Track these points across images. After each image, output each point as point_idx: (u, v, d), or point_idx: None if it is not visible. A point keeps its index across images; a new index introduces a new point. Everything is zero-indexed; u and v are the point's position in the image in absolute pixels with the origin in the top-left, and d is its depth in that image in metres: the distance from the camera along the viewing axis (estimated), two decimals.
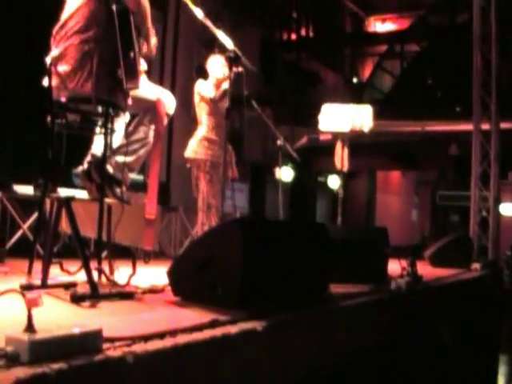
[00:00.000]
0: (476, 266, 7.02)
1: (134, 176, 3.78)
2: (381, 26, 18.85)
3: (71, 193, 3.16)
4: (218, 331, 2.08)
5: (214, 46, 5.15)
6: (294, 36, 16.38)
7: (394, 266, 4.52)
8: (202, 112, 5.18)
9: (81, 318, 2.26)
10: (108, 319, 2.25)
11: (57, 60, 3.07)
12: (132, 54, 3.04)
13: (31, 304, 1.51)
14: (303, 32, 16.72)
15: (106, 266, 3.22)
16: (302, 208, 14.81)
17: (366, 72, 18.21)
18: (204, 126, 5.16)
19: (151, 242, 3.82)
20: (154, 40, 3.41)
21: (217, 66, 5.18)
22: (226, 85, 4.85)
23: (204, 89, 5.15)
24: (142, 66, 3.78)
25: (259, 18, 12.98)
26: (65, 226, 3.05)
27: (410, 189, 20.77)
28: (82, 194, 3.49)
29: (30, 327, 1.51)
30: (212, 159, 5.04)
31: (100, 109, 3.17)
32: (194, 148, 5.10)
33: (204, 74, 5.31)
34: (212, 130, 5.12)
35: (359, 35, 18.41)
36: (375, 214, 18.09)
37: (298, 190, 14.57)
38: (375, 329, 3.51)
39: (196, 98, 5.22)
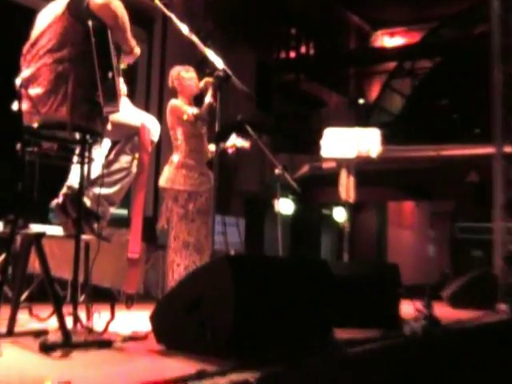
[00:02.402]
0: (502, 306, 6.96)
1: (117, 210, 3.77)
2: (389, 40, 19.02)
3: (44, 229, 3.15)
4: None
5: (204, 66, 5.19)
6: (292, 54, 16.54)
7: (408, 308, 4.48)
8: (177, 135, 5.03)
9: (49, 370, 2.23)
10: (80, 371, 2.22)
11: (28, 82, 3.09)
12: (110, 75, 3.05)
13: None
14: (303, 50, 16.89)
15: (82, 311, 3.19)
16: (304, 244, 14.77)
17: (373, 92, 18.35)
18: (181, 151, 5.02)
19: (134, 284, 3.80)
20: (137, 49, 3.39)
21: (182, 79, 5.05)
22: (208, 98, 4.82)
23: (182, 107, 4.99)
24: (123, 89, 3.80)
25: (254, 37, 13.10)
26: (37, 266, 3.04)
27: (425, 221, 20.74)
28: (56, 231, 3.47)
29: None
30: (190, 189, 4.95)
31: (77, 135, 3.18)
32: (171, 176, 4.96)
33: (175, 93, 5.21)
34: (189, 154, 4.99)
35: (365, 52, 18.55)
36: (387, 250, 18.03)
37: (300, 224, 14.54)
38: (386, 380, 3.46)
39: (170, 120, 5.05)
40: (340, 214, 14.57)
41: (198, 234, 4.88)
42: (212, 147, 4.97)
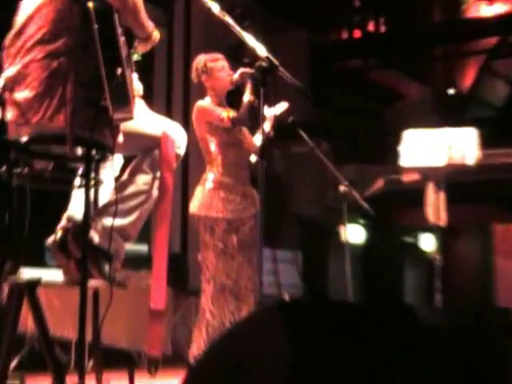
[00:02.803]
0: None
1: (134, 246, 3.80)
2: (487, 9, 18.89)
3: (39, 274, 3.18)
4: None
5: (240, 53, 5.23)
6: (357, 34, 16.53)
7: None
8: (210, 147, 5.13)
9: None
10: None
11: (13, 83, 3.14)
12: (120, 71, 3.08)
13: None
14: (371, 27, 16.86)
15: (92, 381, 3.21)
16: (381, 283, 14.66)
17: (468, 79, 18.22)
18: (216, 167, 5.11)
19: (158, 343, 3.82)
20: (156, 33, 3.46)
21: (210, 70, 5.15)
22: (246, 96, 4.84)
23: (213, 110, 5.09)
24: (136, 88, 3.85)
25: (306, 13, 13.10)
26: (31, 323, 3.07)
27: None
28: (55, 276, 3.51)
29: None
30: (231, 217, 4.98)
31: (79, 151, 3.21)
32: (205, 200, 5.03)
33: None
34: (227, 170, 5.08)
35: (454, 26, 18.46)
36: (495, 289, 17.79)
37: (375, 256, 14.46)
38: None
39: (198, 128, 5.14)
40: (428, 242, 14.44)
41: (238, 276, 4.88)
42: (258, 140, 5.00)
